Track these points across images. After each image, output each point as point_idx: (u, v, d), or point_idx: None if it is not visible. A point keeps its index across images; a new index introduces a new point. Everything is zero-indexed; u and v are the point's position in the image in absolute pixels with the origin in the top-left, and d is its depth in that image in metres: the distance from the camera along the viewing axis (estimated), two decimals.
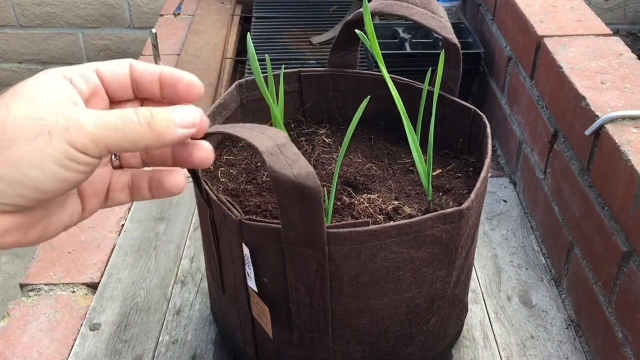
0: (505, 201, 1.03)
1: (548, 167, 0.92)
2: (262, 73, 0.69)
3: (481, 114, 0.71)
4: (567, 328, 0.81)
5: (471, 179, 0.72)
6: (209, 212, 0.62)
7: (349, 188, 0.72)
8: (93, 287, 0.87)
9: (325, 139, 0.81)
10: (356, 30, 0.70)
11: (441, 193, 0.71)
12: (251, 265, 0.60)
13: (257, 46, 1.42)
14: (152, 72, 0.41)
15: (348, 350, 0.64)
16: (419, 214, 0.66)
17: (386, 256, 0.58)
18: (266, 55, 0.75)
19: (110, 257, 0.91)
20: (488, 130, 0.69)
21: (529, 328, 0.81)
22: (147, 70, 0.41)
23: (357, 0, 1.41)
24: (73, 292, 0.86)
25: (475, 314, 0.82)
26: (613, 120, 0.74)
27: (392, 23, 1.33)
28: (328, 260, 0.57)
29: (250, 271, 0.61)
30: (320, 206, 0.52)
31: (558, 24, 0.99)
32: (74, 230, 0.95)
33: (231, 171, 0.74)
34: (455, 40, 0.72)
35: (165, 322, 0.81)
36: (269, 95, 0.67)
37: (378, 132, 0.83)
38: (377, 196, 0.70)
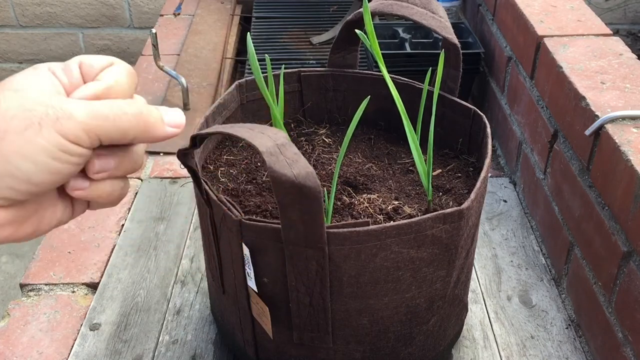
0: (505, 201, 1.03)
1: (548, 167, 0.92)
2: (262, 73, 0.69)
3: (481, 114, 0.71)
4: (567, 328, 0.81)
5: (471, 179, 0.72)
6: (209, 212, 0.62)
7: (349, 188, 0.72)
8: (93, 287, 0.87)
9: (325, 139, 0.81)
10: (356, 30, 0.70)
11: (441, 193, 0.71)
12: (251, 265, 0.60)
13: (257, 46, 1.42)
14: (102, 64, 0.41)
15: (348, 350, 0.64)
16: (419, 214, 0.66)
17: (386, 256, 0.58)
18: (266, 55, 0.75)
19: (110, 257, 0.91)
20: (488, 130, 0.69)
21: (529, 328, 0.81)
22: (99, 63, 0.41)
23: (357, 0, 1.41)
24: (73, 292, 0.86)
25: (475, 314, 0.82)
26: (613, 120, 0.74)
27: (392, 23, 1.33)
28: (328, 260, 0.57)
29: (250, 271, 0.61)
30: (320, 206, 0.52)
31: (558, 24, 0.99)
32: (74, 230, 0.95)
33: (231, 171, 0.74)
34: (455, 40, 0.72)
35: (165, 322, 0.81)
36: (269, 95, 0.67)
37: (378, 132, 0.83)
38: (377, 196, 0.70)
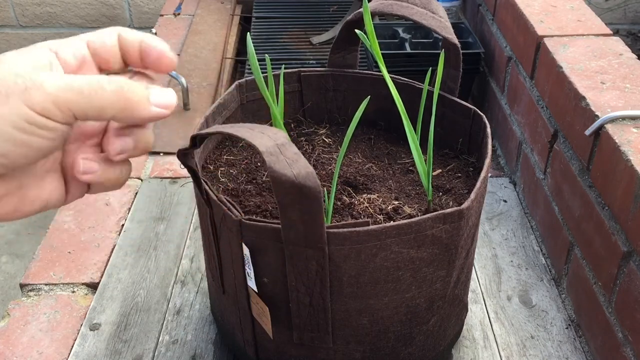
0: (505, 201, 1.03)
1: (548, 167, 0.92)
2: (262, 73, 0.69)
3: (481, 114, 0.71)
4: (567, 328, 0.81)
5: (471, 179, 0.72)
6: (209, 212, 0.62)
7: (349, 188, 0.72)
8: (93, 287, 0.87)
9: (325, 139, 0.81)
10: (356, 30, 0.70)
11: (441, 193, 0.71)
12: (251, 265, 0.60)
13: (257, 46, 1.42)
14: (134, 40, 0.41)
15: (348, 350, 0.64)
16: (419, 214, 0.66)
17: (386, 256, 0.58)
18: (266, 55, 0.75)
19: (110, 257, 0.91)
20: (488, 130, 0.69)
21: (529, 328, 0.81)
22: (131, 37, 0.41)
23: (357, 0, 1.41)
24: (73, 292, 0.86)
25: (475, 314, 0.82)
26: (613, 120, 0.74)
27: (392, 23, 1.33)
28: (328, 260, 0.57)
29: (250, 271, 0.61)
30: (320, 206, 0.52)
31: (558, 24, 0.99)
32: (74, 230, 0.95)
33: (231, 171, 0.74)
34: (455, 40, 0.72)
35: (165, 322, 0.81)
36: (269, 95, 0.67)
37: (378, 132, 0.83)
38: (377, 196, 0.70)
